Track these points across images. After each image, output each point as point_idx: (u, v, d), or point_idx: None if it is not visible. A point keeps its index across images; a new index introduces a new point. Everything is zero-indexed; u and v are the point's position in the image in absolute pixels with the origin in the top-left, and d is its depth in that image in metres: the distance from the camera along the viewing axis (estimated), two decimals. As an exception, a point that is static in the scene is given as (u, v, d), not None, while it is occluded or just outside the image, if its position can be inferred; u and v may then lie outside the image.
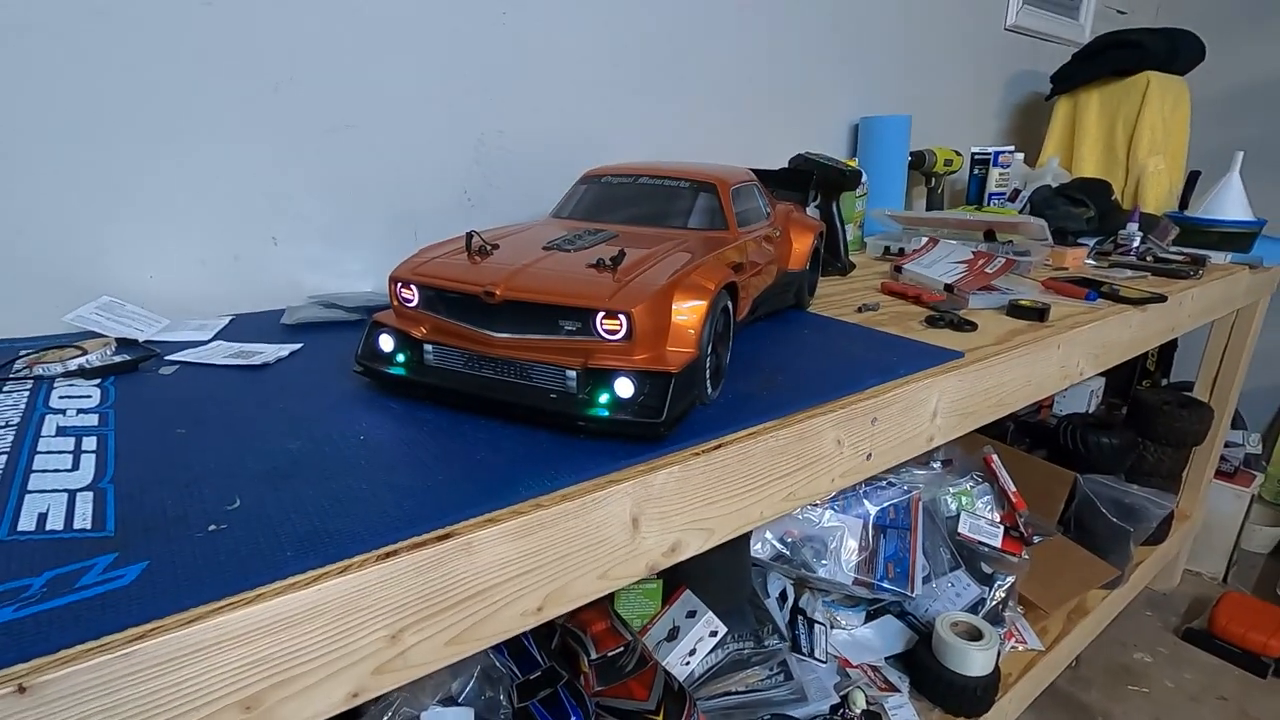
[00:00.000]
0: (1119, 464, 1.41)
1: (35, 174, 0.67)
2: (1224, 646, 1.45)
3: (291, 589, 0.32)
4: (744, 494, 0.52)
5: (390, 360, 0.53)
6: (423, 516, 0.37)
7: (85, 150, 0.68)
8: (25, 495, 0.38)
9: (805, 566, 1.12)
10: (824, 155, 1.09)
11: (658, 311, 0.47)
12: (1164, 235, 1.32)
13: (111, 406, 0.50)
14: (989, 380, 0.72)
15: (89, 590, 0.30)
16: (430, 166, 0.90)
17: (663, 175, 0.68)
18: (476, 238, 0.55)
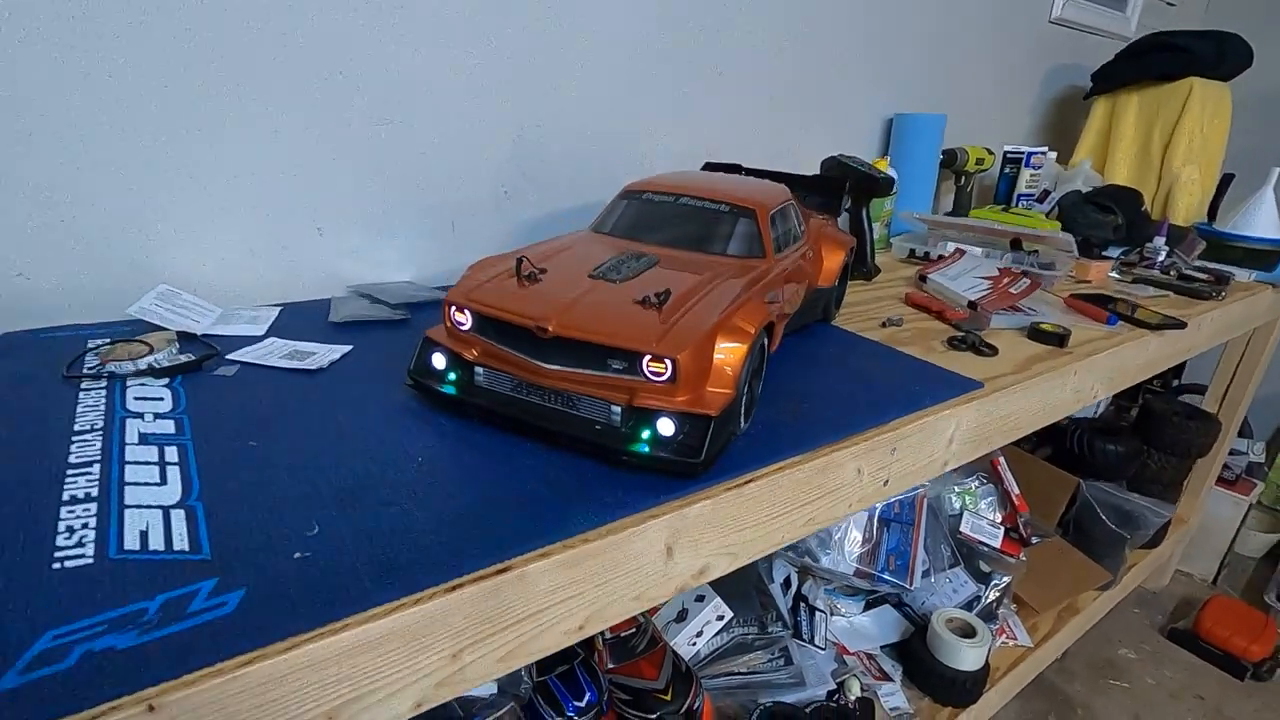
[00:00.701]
0: (1123, 471, 1.44)
1: (98, 165, 0.69)
2: (1206, 648, 1.51)
3: (372, 619, 0.36)
4: (769, 521, 0.55)
5: (442, 378, 0.56)
6: (483, 550, 0.41)
7: (145, 142, 0.70)
8: (125, 510, 0.42)
9: (810, 555, 1.17)
10: (856, 159, 1.10)
11: (701, 355, 0.50)
12: (1190, 250, 1.32)
13: (184, 413, 0.54)
14: (1006, 408, 0.75)
15: (199, 618, 0.34)
16: (468, 160, 0.92)
17: (703, 196, 0.70)
18: (526, 262, 0.57)
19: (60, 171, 0.67)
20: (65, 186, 0.68)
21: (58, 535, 0.39)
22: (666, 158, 1.11)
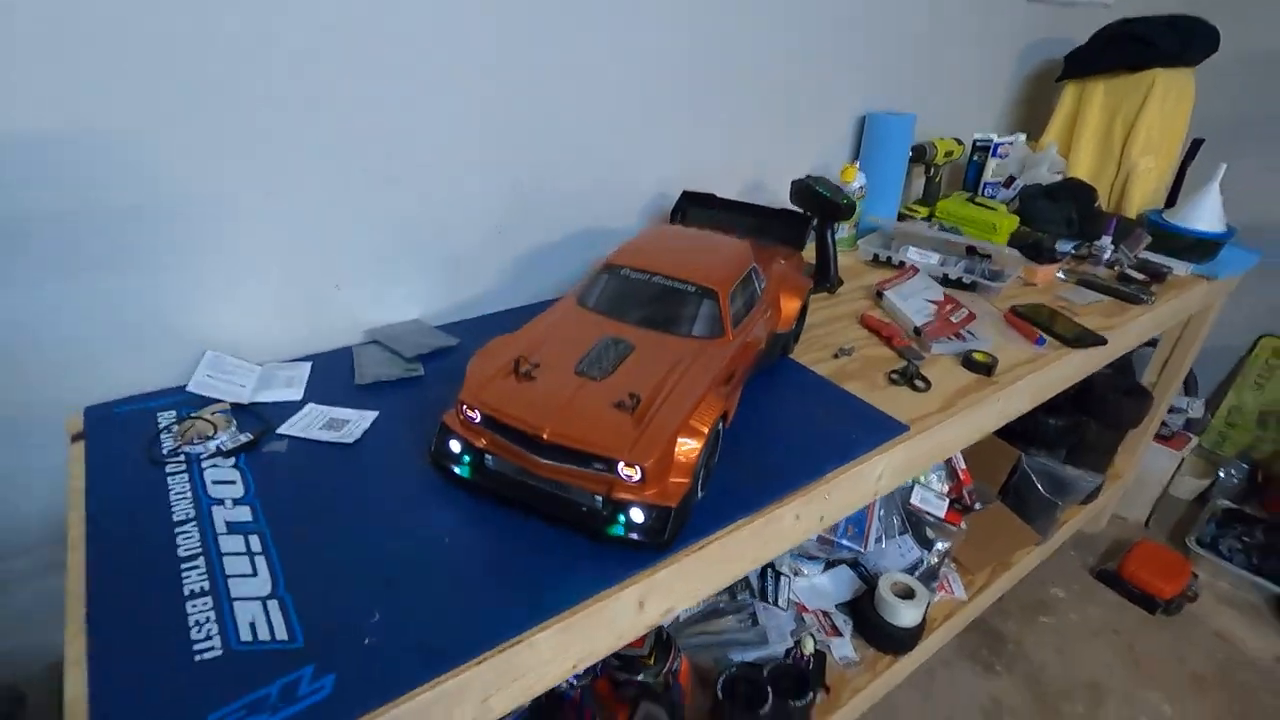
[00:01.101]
0: (1063, 442, 1.60)
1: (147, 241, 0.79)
2: (1128, 587, 1.73)
3: (426, 690, 0.51)
4: (722, 568, 0.71)
5: (458, 460, 0.69)
6: (500, 627, 0.56)
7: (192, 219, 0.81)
8: (234, 603, 0.56)
9: (777, 530, 1.34)
10: (823, 180, 1.18)
11: (664, 458, 0.63)
12: (1135, 245, 1.42)
13: (255, 497, 0.67)
14: (930, 443, 0.89)
15: (308, 700, 0.49)
16: (468, 208, 1.01)
17: (672, 276, 0.81)
18: (522, 360, 0.70)
19: (118, 254, 0.78)
20: (121, 268, 0.79)
21: (190, 629, 0.54)
22: (649, 187, 1.19)
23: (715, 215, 1.14)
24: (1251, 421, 2.16)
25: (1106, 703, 1.47)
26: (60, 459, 0.79)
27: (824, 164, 1.45)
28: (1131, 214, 1.59)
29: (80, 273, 0.77)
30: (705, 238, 0.94)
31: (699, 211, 1.15)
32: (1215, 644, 1.62)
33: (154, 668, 0.51)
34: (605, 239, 1.14)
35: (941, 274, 1.28)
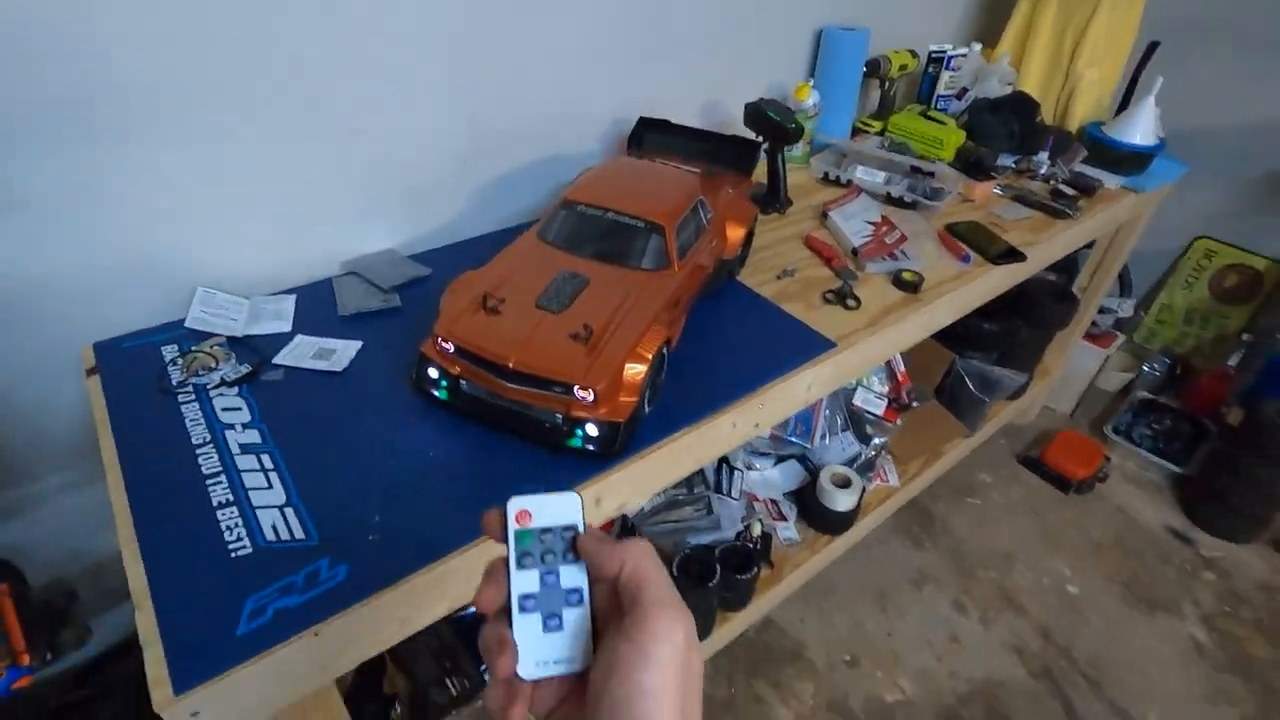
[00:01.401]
0: (996, 344, 1.74)
1: (140, 192, 0.85)
2: (1047, 471, 1.93)
3: (422, 573, 0.64)
4: (667, 470, 0.83)
5: (436, 385, 0.80)
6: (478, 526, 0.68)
7: (179, 169, 0.86)
8: (256, 511, 0.67)
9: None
10: (775, 103, 1.23)
11: (614, 381, 0.74)
12: (1072, 158, 1.50)
13: (262, 422, 0.77)
14: (856, 356, 1.01)
15: (328, 584, 0.62)
16: (431, 144, 1.06)
17: (624, 212, 0.88)
18: (489, 297, 0.79)
19: (125, 212, 0.84)
20: (124, 227, 0.85)
21: (224, 533, 0.65)
22: (604, 113, 1.23)
23: (671, 141, 1.19)
24: (1179, 319, 2.33)
25: (1016, 568, 1.70)
26: (75, 391, 0.89)
27: (781, 82, 1.48)
28: (1074, 127, 1.65)
29: (76, 215, 0.83)
30: (656, 173, 1.00)
31: (655, 137, 1.20)
32: (1116, 517, 1.85)
33: (198, 562, 0.63)
34: (566, 166, 1.20)
35: (885, 192, 1.36)
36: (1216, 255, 2.21)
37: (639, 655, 0.29)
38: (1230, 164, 2.07)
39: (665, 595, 0.31)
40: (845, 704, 1.41)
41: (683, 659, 0.30)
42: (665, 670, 0.29)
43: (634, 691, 0.29)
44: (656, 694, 0.29)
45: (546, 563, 0.34)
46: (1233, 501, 1.75)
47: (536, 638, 0.32)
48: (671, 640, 0.30)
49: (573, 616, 0.33)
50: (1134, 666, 1.50)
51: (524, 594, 0.33)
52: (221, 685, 0.55)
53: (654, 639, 0.30)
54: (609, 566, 0.33)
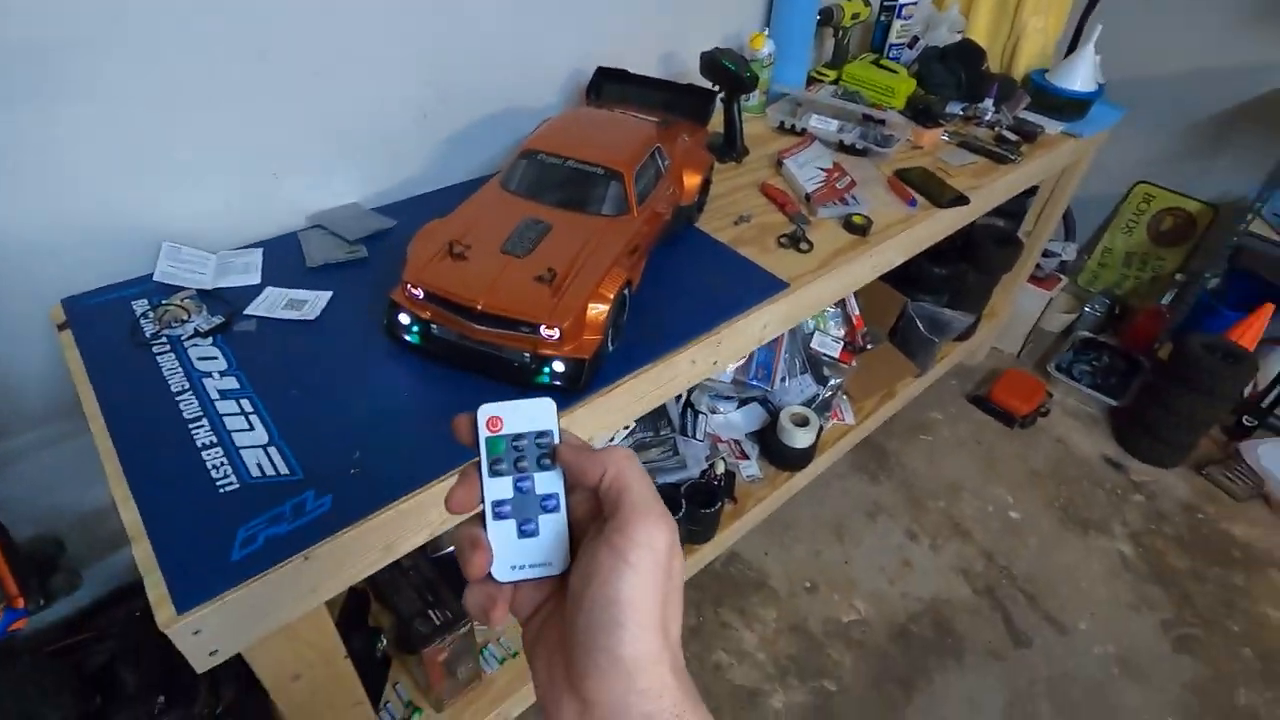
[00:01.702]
0: (946, 287, 1.82)
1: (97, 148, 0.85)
2: (993, 408, 2.04)
3: (402, 502, 0.69)
4: (630, 406, 0.88)
5: (407, 330, 0.83)
6: (454, 456, 0.72)
7: (135, 123, 0.86)
8: (240, 451, 0.71)
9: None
10: (730, 52, 1.25)
11: (578, 320, 0.78)
12: (1015, 105, 1.56)
13: (239, 369, 0.80)
14: (808, 296, 1.06)
15: (314, 513, 0.66)
16: (391, 95, 1.06)
17: (582, 160, 0.91)
18: (455, 244, 0.82)
19: (86, 169, 0.84)
20: (85, 184, 0.85)
21: (211, 471, 0.69)
22: (563, 64, 1.24)
23: (628, 91, 1.22)
24: (1119, 261, 2.44)
25: (962, 497, 1.81)
26: (44, 349, 0.90)
27: (736, 31, 1.50)
28: (1019, 74, 1.70)
29: (32, 172, 0.83)
30: (614, 121, 1.03)
31: (613, 87, 1.22)
32: (1055, 448, 1.97)
33: (188, 499, 0.66)
34: (526, 118, 1.21)
35: (838, 140, 1.40)
36: (1155, 199, 2.31)
37: (618, 562, 0.29)
38: (1168, 110, 2.16)
39: (647, 502, 0.31)
40: (805, 626, 1.51)
41: (664, 566, 0.29)
42: (645, 577, 0.29)
43: (612, 598, 0.28)
44: (635, 602, 0.28)
45: (520, 470, 0.34)
46: (1160, 430, 1.88)
47: (511, 543, 0.32)
48: (652, 546, 0.29)
49: (548, 522, 0.33)
50: (1067, 581, 1.63)
51: (497, 500, 0.33)
52: (220, 606, 0.59)
53: (634, 546, 0.29)
54: (590, 475, 0.32)
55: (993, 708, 1.39)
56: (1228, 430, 2.02)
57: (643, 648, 0.28)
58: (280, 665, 0.71)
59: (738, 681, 1.41)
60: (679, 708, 0.28)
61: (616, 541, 0.29)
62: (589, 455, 0.33)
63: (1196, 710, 1.41)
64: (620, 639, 0.28)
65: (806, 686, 1.41)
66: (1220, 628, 1.56)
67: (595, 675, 0.28)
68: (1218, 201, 2.20)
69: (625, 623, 0.28)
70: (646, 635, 0.28)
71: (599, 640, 0.28)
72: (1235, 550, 1.73)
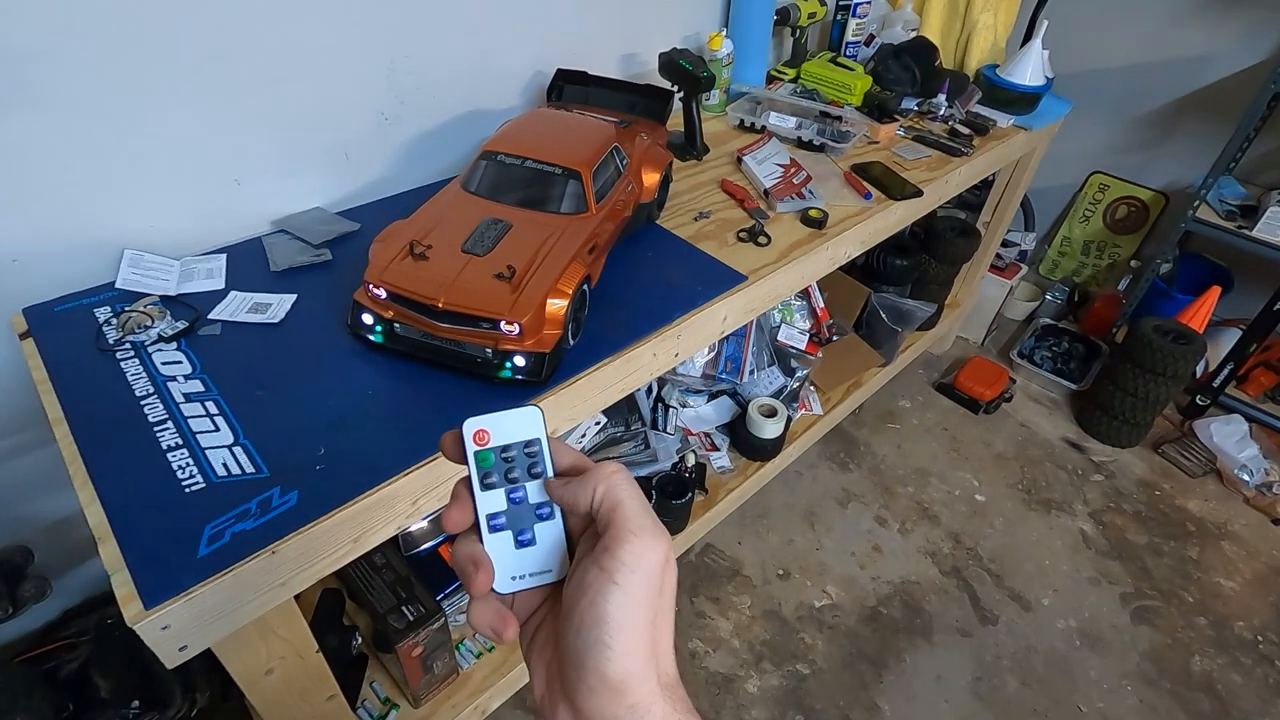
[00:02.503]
0: (908, 278, 1.87)
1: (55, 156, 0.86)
2: (958, 395, 2.10)
3: (369, 495, 0.70)
4: (594, 398, 0.91)
5: (371, 330, 0.85)
6: (419, 449, 0.74)
7: (94, 130, 0.87)
8: (206, 451, 0.72)
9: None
10: (688, 52, 1.28)
11: (537, 315, 0.80)
12: (967, 100, 1.61)
13: (204, 373, 0.81)
14: (766, 288, 1.09)
15: (280, 509, 0.67)
16: (350, 98, 1.08)
17: (542, 160, 0.94)
18: (416, 243, 0.83)
19: (43, 178, 0.85)
20: (43, 193, 0.85)
21: (176, 472, 0.70)
22: (524, 66, 1.26)
23: (588, 92, 1.24)
24: (1078, 250, 2.51)
25: (930, 482, 1.86)
26: (6, 357, 0.90)
27: (696, 32, 1.53)
28: (971, 70, 1.76)
29: None
30: (572, 122, 1.05)
31: (574, 89, 1.25)
32: (1018, 431, 2.03)
33: (154, 499, 0.67)
34: (488, 120, 1.23)
35: (796, 137, 1.44)
36: (1109, 189, 2.39)
37: (607, 583, 0.29)
38: (1119, 102, 2.23)
39: (638, 521, 0.31)
40: (779, 612, 1.55)
41: (654, 585, 0.30)
42: (633, 597, 0.29)
43: (599, 618, 0.29)
44: (621, 623, 0.29)
45: (512, 481, 0.34)
46: (1118, 411, 1.94)
47: (510, 554, 0.32)
48: (641, 567, 0.30)
49: (545, 530, 0.33)
50: (1030, 559, 1.68)
51: (491, 514, 0.33)
52: (188, 600, 0.60)
53: (622, 567, 0.29)
54: (581, 503, 0.32)
55: (961, 683, 1.44)
56: (1182, 410, 2.09)
57: (630, 666, 0.29)
58: (252, 660, 0.72)
59: (713, 669, 1.44)
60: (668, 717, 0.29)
61: (605, 563, 0.30)
62: (578, 483, 0.32)
63: (1154, 677, 1.46)
64: (608, 659, 0.29)
65: (780, 670, 1.44)
66: (1176, 598, 1.62)
67: (585, 693, 0.29)
68: (1168, 189, 2.28)
69: (612, 644, 0.29)
70: (634, 654, 0.29)
71: (588, 660, 0.29)
72: (1190, 524, 1.80)
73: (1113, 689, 1.44)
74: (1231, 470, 1.88)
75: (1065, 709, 1.40)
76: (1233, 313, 2.13)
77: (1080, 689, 1.44)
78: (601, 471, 0.32)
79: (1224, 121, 2.01)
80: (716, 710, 1.37)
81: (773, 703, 1.39)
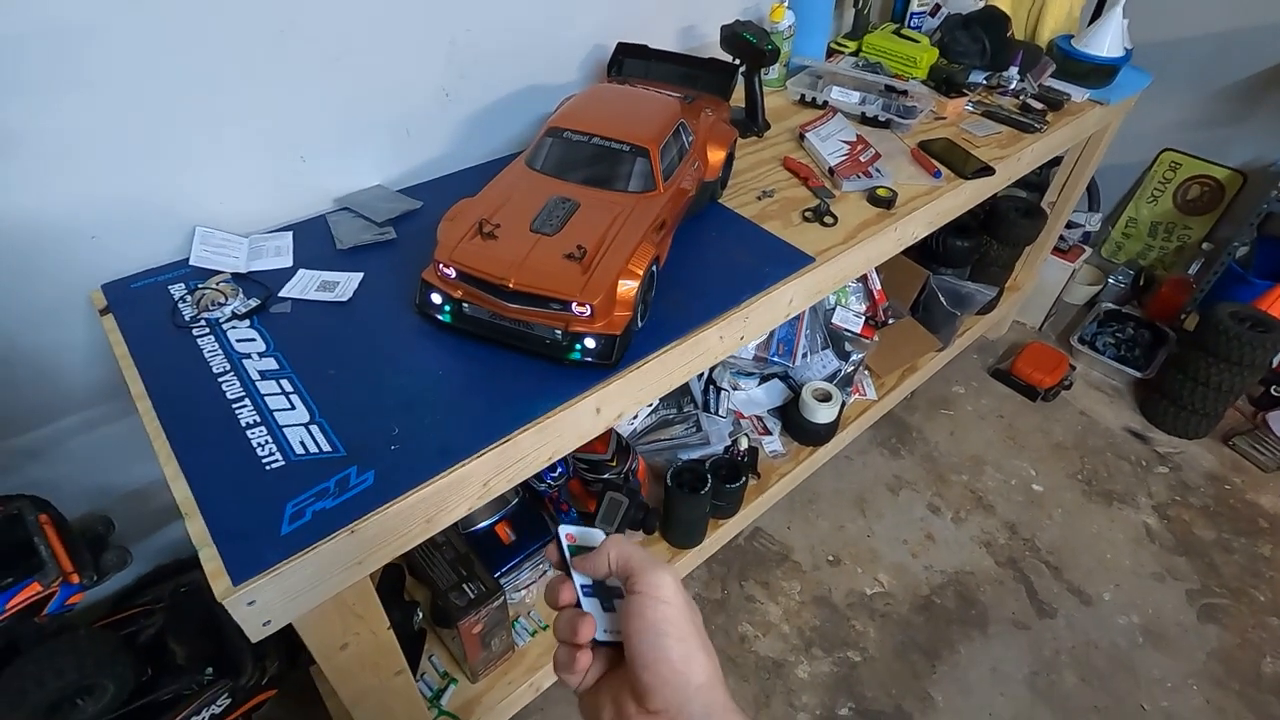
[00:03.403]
0: (968, 260, 1.81)
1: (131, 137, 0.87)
2: (1015, 381, 2.03)
3: (443, 476, 0.70)
4: (661, 380, 0.89)
5: (440, 309, 0.84)
6: (492, 431, 0.74)
7: (163, 110, 0.87)
8: (283, 429, 0.73)
9: (717, 352, 1.55)
10: (750, 24, 1.24)
11: (609, 297, 0.79)
12: (1040, 73, 1.53)
13: (277, 350, 0.82)
14: (834, 270, 1.06)
15: (358, 488, 0.68)
16: (411, 74, 1.06)
17: (609, 136, 0.91)
18: (485, 224, 0.82)
19: (117, 156, 0.85)
20: (118, 170, 0.86)
21: (256, 449, 0.71)
22: (583, 39, 1.24)
23: (649, 66, 1.21)
24: (1144, 232, 2.40)
25: (985, 470, 1.81)
26: (85, 333, 0.92)
27: (756, 3, 1.48)
28: (1044, 41, 1.67)
29: (74, 162, 0.84)
30: (638, 97, 1.03)
31: (634, 63, 1.22)
32: (1078, 419, 1.96)
33: (236, 476, 0.68)
34: (548, 95, 1.21)
35: (860, 112, 1.39)
36: (1181, 167, 2.27)
37: (645, 600, 0.37)
38: (1196, 75, 2.11)
39: (648, 559, 0.39)
40: (829, 598, 1.53)
41: (681, 598, 0.38)
42: (670, 606, 0.37)
43: (650, 623, 0.37)
44: (669, 618, 0.37)
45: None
46: (1186, 401, 1.86)
47: (599, 614, 0.41)
48: (664, 584, 0.38)
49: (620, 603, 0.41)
50: (1091, 552, 1.63)
51: (584, 585, 0.42)
52: (273, 577, 0.61)
53: (651, 587, 0.38)
54: (601, 568, 0.40)
55: (1017, 676, 1.41)
56: (1255, 401, 2.00)
57: (687, 649, 0.37)
58: (329, 635, 0.73)
59: (763, 653, 1.43)
60: (728, 702, 0.36)
61: (640, 588, 0.38)
62: (592, 556, 0.41)
63: (1222, 678, 1.41)
64: (668, 646, 0.36)
65: (831, 657, 1.43)
66: (1247, 597, 1.56)
67: (658, 684, 0.35)
68: (1246, 168, 2.15)
69: (668, 632, 0.36)
70: (687, 640, 0.37)
71: (653, 655, 0.36)
72: (1263, 520, 1.72)
73: (1177, 688, 1.40)
74: (1308, 465, 1.80)
75: (1127, 707, 1.36)
76: (1314, 299, 2.02)
77: (1143, 687, 1.40)
78: (605, 542, 0.41)
79: (1314, 95, 1.89)
80: (767, 694, 1.36)
81: (823, 689, 1.38)
